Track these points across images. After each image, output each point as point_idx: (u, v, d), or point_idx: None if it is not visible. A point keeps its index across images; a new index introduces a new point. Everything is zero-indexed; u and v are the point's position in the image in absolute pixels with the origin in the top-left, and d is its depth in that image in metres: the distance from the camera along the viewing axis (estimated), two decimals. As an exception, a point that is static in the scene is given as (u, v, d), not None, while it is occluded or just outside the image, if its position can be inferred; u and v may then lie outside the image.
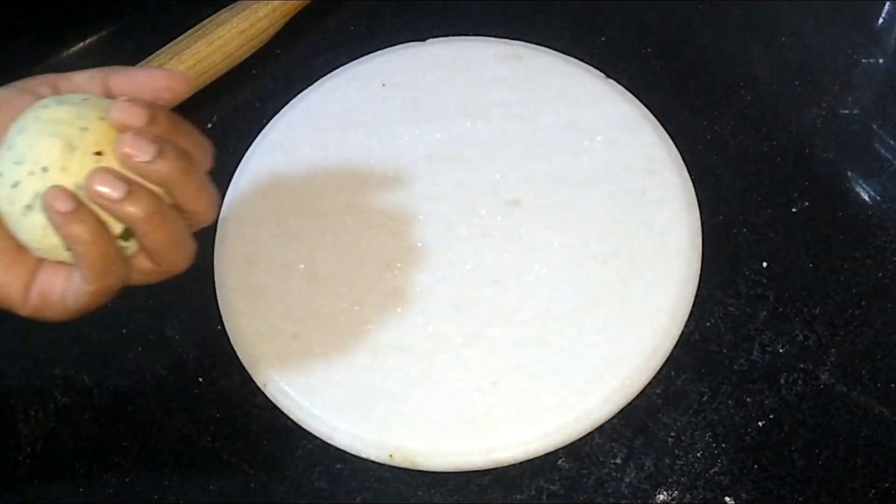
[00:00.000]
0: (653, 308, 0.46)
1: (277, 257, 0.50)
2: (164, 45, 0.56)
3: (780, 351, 0.46)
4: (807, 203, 0.51)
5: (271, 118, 0.56)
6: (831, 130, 0.54)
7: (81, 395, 0.49)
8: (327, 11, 0.61)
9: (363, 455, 0.45)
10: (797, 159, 0.53)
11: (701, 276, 0.48)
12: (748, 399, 0.45)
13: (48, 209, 0.31)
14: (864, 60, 0.56)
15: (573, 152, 0.52)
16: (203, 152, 0.34)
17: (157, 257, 0.34)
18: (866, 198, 0.51)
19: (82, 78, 0.36)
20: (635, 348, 0.45)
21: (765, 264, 0.49)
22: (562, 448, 0.44)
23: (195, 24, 0.57)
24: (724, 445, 0.44)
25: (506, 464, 0.44)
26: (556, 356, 0.46)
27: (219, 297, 0.50)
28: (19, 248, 0.34)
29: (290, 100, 0.57)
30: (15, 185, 0.32)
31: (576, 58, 0.56)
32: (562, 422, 0.44)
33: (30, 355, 0.50)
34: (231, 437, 0.47)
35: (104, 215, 0.32)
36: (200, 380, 0.48)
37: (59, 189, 0.31)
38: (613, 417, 0.45)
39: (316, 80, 0.58)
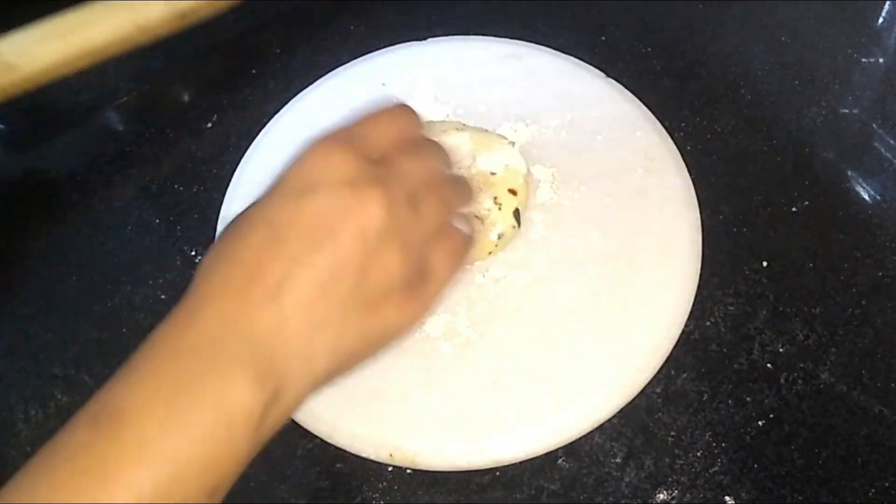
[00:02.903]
0: (653, 308, 0.46)
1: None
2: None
3: (781, 350, 0.46)
4: (807, 203, 0.51)
5: (271, 118, 0.56)
6: (831, 130, 0.54)
7: (81, 395, 0.49)
8: (327, 11, 0.62)
9: (363, 454, 0.45)
10: (797, 159, 0.53)
11: (701, 275, 0.48)
12: (748, 398, 0.45)
13: None
14: (864, 60, 0.57)
15: (573, 152, 0.52)
16: None
17: None
18: (866, 197, 0.51)
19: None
20: (635, 348, 0.45)
21: (765, 264, 0.49)
22: (562, 447, 0.44)
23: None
24: (723, 445, 0.44)
25: (506, 463, 0.44)
26: (556, 356, 0.46)
27: (219, 297, 0.49)
28: None
29: (290, 100, 0.57)
30: None
31: (576, 58, 0.56)
32: (562, 421, 0.44)
33: (30, 355, 0.50)
34: (231, 436, 0.47)
35: None
36: (200, 379, 0.48)
37: None
38: (613, 417, 0.45)
39: (316, 80, 0.58)
